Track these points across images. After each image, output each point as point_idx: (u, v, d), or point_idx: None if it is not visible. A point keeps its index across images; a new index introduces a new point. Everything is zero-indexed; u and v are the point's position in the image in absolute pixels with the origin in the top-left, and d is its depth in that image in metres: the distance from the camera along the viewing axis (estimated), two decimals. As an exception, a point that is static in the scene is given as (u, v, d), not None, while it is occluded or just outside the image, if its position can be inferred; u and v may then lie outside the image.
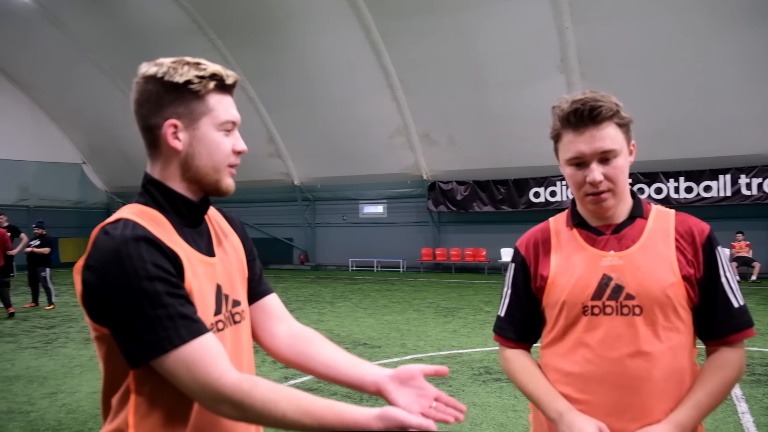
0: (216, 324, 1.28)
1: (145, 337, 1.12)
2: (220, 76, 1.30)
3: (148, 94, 1.28)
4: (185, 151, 1.28)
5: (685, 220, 1.58)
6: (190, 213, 1.32)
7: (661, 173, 16.24)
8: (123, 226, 1.19)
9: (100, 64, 20.17)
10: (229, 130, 1.32)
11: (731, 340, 1.52)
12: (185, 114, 1.27)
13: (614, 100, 1.54)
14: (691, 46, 13.79)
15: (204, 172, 1.30)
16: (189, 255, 1.25)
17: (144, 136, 1.31)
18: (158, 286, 1.14)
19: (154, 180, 1.31)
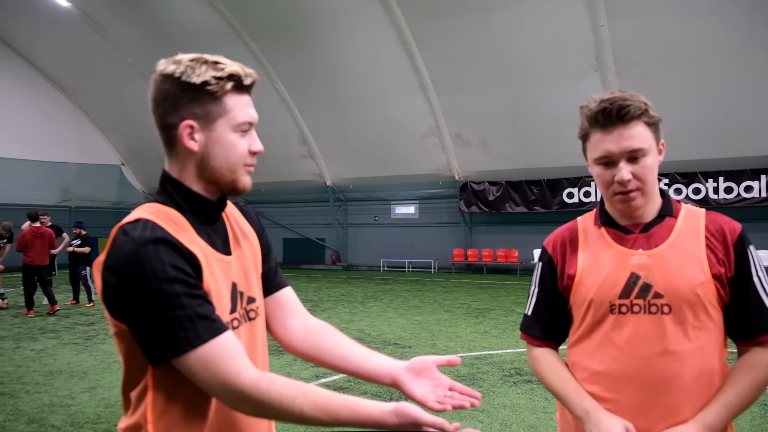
0: (231, 322, 1.29)
1: (165, 337, 1.14)
2: (237, 76, 1.28)
3: (165, 93, 1.26)
4: (201, 152, 1.27)
5: (716, 219, 1.55)
6: (207, 212, 1.32)
7: (699, 173, 15.85)
8: (142, 227, 1.19)
9: (139, 68, 20.66)
10: (245, 131, 1.30)
11: (763, 340, 1.49)
12: (201, 115, 1.26)
13: (643, 99, 1.52)
14: (730, 42, 13.43)
15: (220, 173, 1.29)
16: (207, 254, 1.26)
17: (161, 134, 1.30)
18: (177, 287, 1.15)
19: (171, 178, 1.31)
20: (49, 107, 22.76)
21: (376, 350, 1.47)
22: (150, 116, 1.29)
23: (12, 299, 12.62)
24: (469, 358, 6.96)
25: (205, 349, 1.14)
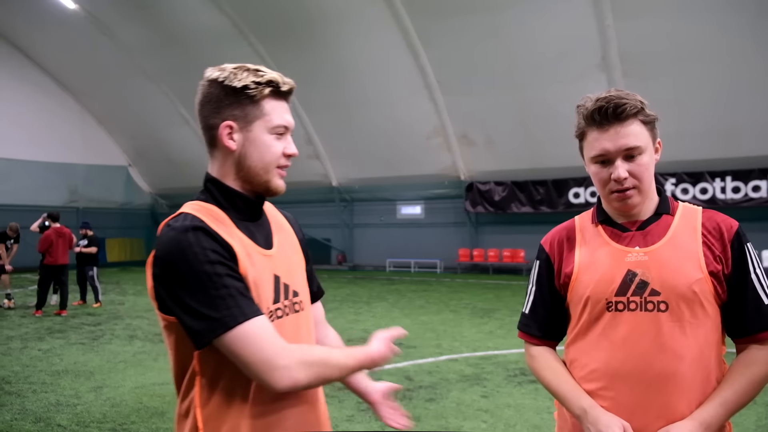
0: (275, 312, 1.36)
1: (211, 314, 1.22)
2: (276, 82, 1.38)
3: (210, 96, 1.37)
4: (239, 151, 1.38)
5: (713, 217, 1.55)
6: (247, 207, 1.42)
7: (707, 173, 15.77)
8: (183, 219, 1.31)
9: (145, 69, 20.78)
10: (281, 134, 1.40)
11: (761, 337, 1.49)
12: (241, 116, 1.36)
13: (639, 97, 1.53)
14: (737, 41, 13.36)
15: (255, 172, 1.39)
16: (246, 246, 1.34)
17: (204, 135, 1.41)
18: (219, 268, 1.24)
19: (213, 178, 1.42)
20: (57, 109, 22.91)
21: None
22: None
23: (20, 299, 12.71)
24: (474, 358, 6.95)
25: (248, 326, 1.22)
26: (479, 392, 5.53)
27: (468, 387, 5.72)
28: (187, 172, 23.97)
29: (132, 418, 4.86)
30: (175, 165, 23.92)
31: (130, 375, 6.29)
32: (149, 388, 5.76)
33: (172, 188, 25.33)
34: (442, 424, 4.67)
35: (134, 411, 5.05)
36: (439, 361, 6.87)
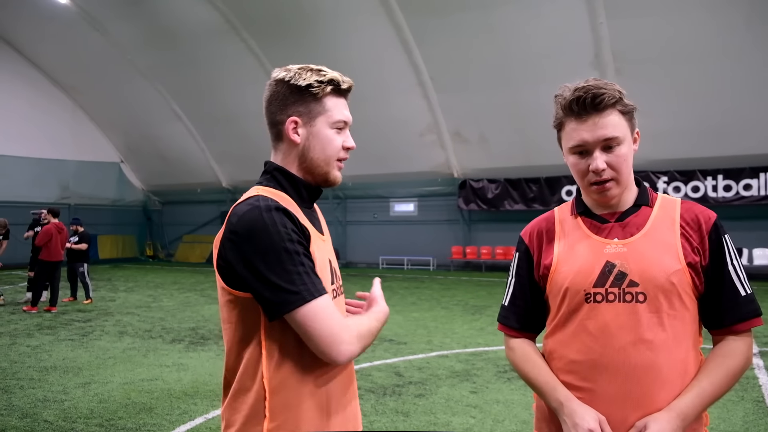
0: (332, 292, 1.48)
1: (290, 288, 1.31)
2: (336, 81, 1.49)
3: (276, 95, 1.49)
4: (303, 144, 1.49)
5: (691, 208, 1.55)
6: (309, 195, 1.54)
7: (698, 171, 15.83)
8: (263, 200, 1.39)
9: (137, 65, 20.66)
10: (341, 129, 1.52)
11: (738, 329, 1.49)
12: (305, 113, 1.48)
13: (617, 87, 1.52)
14: (729, 40, 13.40)
15: (316, 164, 1.50)
16: (312, 230, 1.46)
17: (270, 129, 1.53)
18: (298, 247, 1.35)
19: (278, 167, 1.52)
20: (48, 105, 22.76)
21: (372, 346, 1.63)
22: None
23: (9, 296, 12.63)
24: (464, 355, 6.96)
25: (320, 302, 1.33)
26: (468, 388, 5.53)
27: (458, 383, 5.72)
28: (179, 169, 23.89)
29: (119, 414, 4.84)
30: (167, 161, 23.82)
31: (119, 371, 6.27)
32: (138, 384, 5.73)
33: (164, 185, 25.23)
34: (430, 420, 4.68)
35: (122, 407, 5.03)
36: (430, 357, 6.87)
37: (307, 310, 1.31)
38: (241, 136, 20.38)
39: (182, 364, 6.54)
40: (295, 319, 1.32)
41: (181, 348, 7.42)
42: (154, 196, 26.18)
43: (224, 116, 20.49)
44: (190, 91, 20.67)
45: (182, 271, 20.28)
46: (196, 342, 7.80)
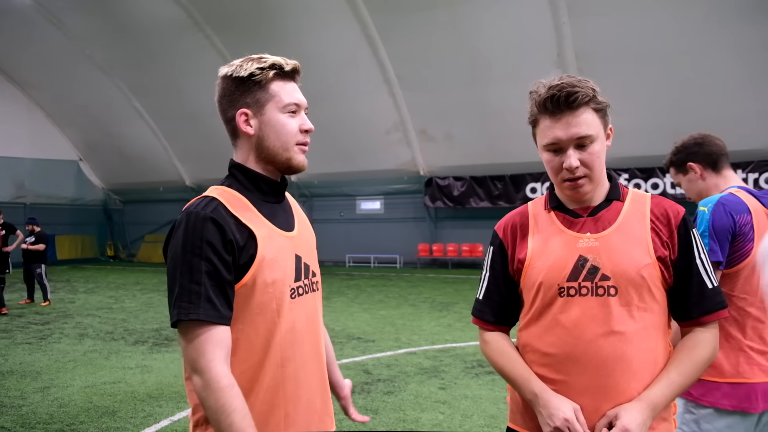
0: (297, 289, 1.46)
1: (179, 301, 1.31)
2: (279, 65, 1.47)
3: (224, 92, 1.48)
4: (257, 135, 1.47)
5: (661, 203, 1.58)
6: (271, 189, 1.50)
7: (657, 168, 16.26)
8: (200, 205, 1.38)
9: (97, 61, 20.13)
10: (293, 112, 1.49)
11: (705, 320, 1.52)
12: (253, 103, 1.46)
13: (591, 84, 1.54)
14: (689, 41, 13.78)
15: (275, 152, 1.47)
16: (267, 228, 1.42)
17: (226, 128, 1.51)
18: (203, 264, 1.31)
19: (236, 164, 1.50)
20: (3, 101, 21.99)
21: (341, 345, 1.58)
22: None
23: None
24: (432, 351, 6.99)
25: (195, 326, 1.30)
26: (437, 384, 5.56)
27: (426, 379, 5.74)
28: (141, 167, 23.37)
29: (81, 418, 4.70)
30: (128, 160, 23.29)
31: (80, 374, 6.09)
32: (100, 387, 5.58)
33: (125, 183, 24.66)
34: (399, 417, 4.68)
35: (83, 411, 4.89)
36: (398, 354, 6.88)
37: (182, 327, 1.31)
38: (205, 133, 20.04)
39: (146, 366, 6.40)
40: (178, 332, 1.34)
41: (145, 349, 7.26)
42: (114, 194, 25.58)
43: (187, 113, 20.12)
44: (151, 87, 20.23)
45: (144, 271, 19.86)
46: (160, 343, 7.65)
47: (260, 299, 1.38)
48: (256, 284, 1.37)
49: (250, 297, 1.37)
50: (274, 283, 1.40)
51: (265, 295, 1.38)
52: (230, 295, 1.35)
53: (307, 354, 1.48)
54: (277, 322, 1.40)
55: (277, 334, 1.40)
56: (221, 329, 1.31)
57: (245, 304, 1.37)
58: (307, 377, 1.47)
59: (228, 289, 1.34)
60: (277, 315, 1.40)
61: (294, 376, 1.43)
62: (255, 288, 1.37)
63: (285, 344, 1.42)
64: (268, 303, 1.39)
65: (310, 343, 1.50)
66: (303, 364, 1.46)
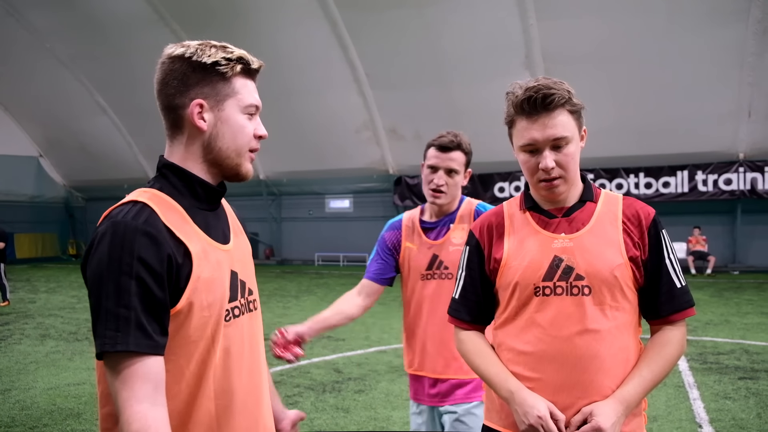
0: (232, 310, 1.29)
1: (103, 328, 1.12)
2: (246, 60, 1.34)
3: (174, 74, 1.28)
4: (209, 131, 1.29)
5: (632, 204, 1.62)
6: (208, 196, 1.32)
7: (622, 169, 16.63)
8: (129, 212, 1.18)
9: (58, 54, 19.58)
10: (252, 114, 1.33)
11: (674, 319, 1.58)
12: (211, 95, 1.29)
13: (567, 86, 1.57)
14: (654, 44, 14.11)
15: (226, 155, 1.30)
16: (202, 243, 1.25)
17: (166, 116, 1.31)
18: (133, 285, 1.12)
19: (170, 164, 1.31)
20: (-42, 94, 21.25)
21: (311, 344, 1.53)
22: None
23: None
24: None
25: (124, 359, 1.11)
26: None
27: (397, 377, 5.76)
28: (104, 164, 22.83)
29: (44, 421, 4.59)
30: (91, 156, 22.73)
31: (42, 376, 5.94)
32: (63, 389, 5.46)
33: (88, 180, 24.07)
34: (371, 415, 4.69)
35: (46, 413, 4.77)
36: (368, 353, 6.90)
37: (109, 358, 1.12)
38: (170, 130, 19.73)
39: (111, 367, 6.27)
40: (105, 365, 1.14)
41: (110, 350, 7.11)
42: (76, 192, 24.96)
43: (153, 109, 18.77)
44: (115, 82, 19.76)
45: (108, 270, 19.42)
46: (126, 343, 7.50)
47: (195, 325, 1.21)
48: (192, 309, 1.20)
49: (185, 323, 1.20)
50: (210, 306, 1.23)
51: (201, 320, 1.21)
52: (165, 321, 1.16)
53: (245, 384, 1.31)
54: (212, 349, 1.23)
55: (210, 363, 1.23)
56: (152, 361, 1.13)
57: (178, 332, 1.19)
58: (245, 410, 1.31)
59: (163, 314, 1.16)
60: (211, 342, 1.23)
61: (230, 409, 1.27)
62: (191, 313, 1.20)
63: (219, 374, 1.25)
64: (202, 329, 1.22)
65: (248, 371, 1.33)
66: (240, 395, 1.29)
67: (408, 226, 2.59)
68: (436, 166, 2.50)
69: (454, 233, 2.48)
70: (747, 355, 6.52)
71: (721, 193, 15.76)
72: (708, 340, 7.29)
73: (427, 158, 2.54)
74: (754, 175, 15.47)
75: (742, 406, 4.79)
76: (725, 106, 14.65)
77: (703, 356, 6.47)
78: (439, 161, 2.49)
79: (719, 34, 13.61)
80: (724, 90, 14.44)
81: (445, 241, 2.46)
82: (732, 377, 5.63)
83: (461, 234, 2.45)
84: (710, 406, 4.82)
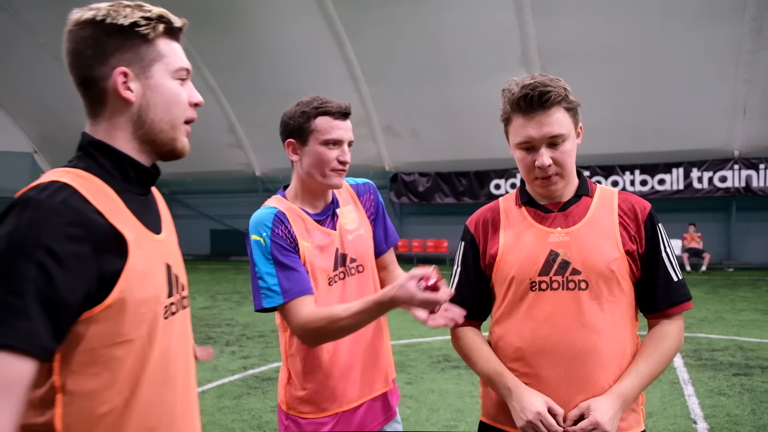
0: (170, 307, 1.15)
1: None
2: (167, 18, 1.19)
3: (87, 42, 1.11)
4: (138, 102, 1.13)
5: (628, 198, 1.63)
6: (140, 178, 1.17)
7: (617, 166, 16.67)
8: (41, 190, 1.00)
9: (52, 50, 19.48)
10: (183, 79, 1.19)
11: (671, 312, 1.58)
12: (135, 61, 1.12)
13: (563, 84, 1.56)
14: (649, 41, 14.12)
15: (159, 128, 1.16)
16: (137, 231, 1.10)
17: (84, 91, 1.15)
18: (30, 270, 0.94)
19: (97, 141, 1.15)
20: (-48, 90, 21.14)
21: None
22: (67, 75, 1.16)
23: None
24: (399, 346, 7.02)
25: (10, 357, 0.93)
26: (404, 379, 5.59)
27: (393, 374, 5.76)
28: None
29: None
30: (86, 152, 22.68)
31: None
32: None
33: (83, 177, 24.01)
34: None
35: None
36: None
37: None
38: (166, 126, 19.71)
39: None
40: None
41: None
42: (71, 188, 24.89)
43: None
44: (111, 78, 19.73)
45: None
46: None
47: (129, 323, 1.06)
48: (125, 305, 1.04)
49: (118, 321, 1.04)
50: (147, 301, 1.08)
51: (136, 317, 1.07)
52: (63, 323, 0.97)
53: (180, 388, 1.19)
54: (148, 351, 1.09)
55: (147, 366, 1.09)
56: (26, 365, 0.93)
57: (109, 331, 1.03)
58: (186, 413, 1.20)
59: (62, 314, 0.97)
60: (148, 343, 1.09)
61: (172, 414, 1.15)
62: (124, 310, 1.04)
63: (156, 378, 1.11)
64: (137, 327, 1.07)
65: (183, 374, 1.20)
66: (177, 401, 1.17)
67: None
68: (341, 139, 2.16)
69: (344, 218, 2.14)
70: (741, 351, 6.55)
71: (716, 191, 15.81)
72: (703, 336, 7.31)
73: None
74: (749, 173, 15.52)
75: (736, 402, 4.81)
76: (720, 103, 14.68)
77: (697, 353, 6.49)
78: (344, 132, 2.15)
79: (715, 31, 13.63)
80: (719, 87, 14.46)
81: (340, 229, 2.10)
82: (726, 374, 5.65)
83: (354, 216, 2.17)
84: (705, 403, 4.83)
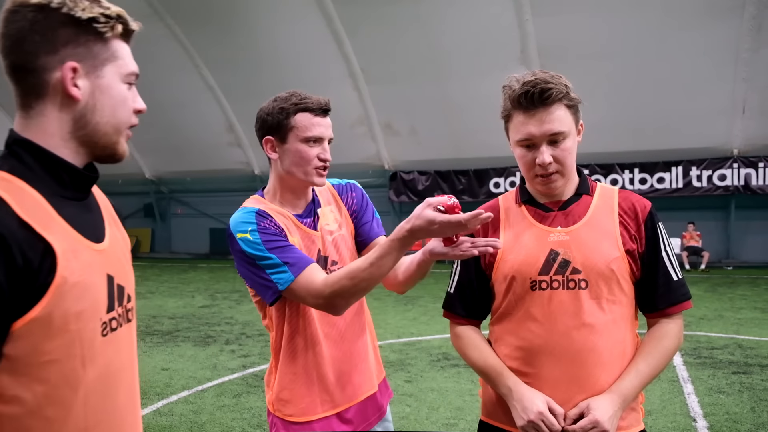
0: (110, 322, 1.07)
1: None
2: (125, 19, 1.12)
3: (37, 27, 1.02)
4: (84, 101, 1.06)
5: (628, 197, 1.62)
6: (74, 183, 1.08)
7: (617, 165, 16.66)
8: None
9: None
10: (131, 84, 1.14)
11: (670, 312, 1.58)
12: (87, 57, 1.05)
13: (564, 80, 1.56)
14: (649, 39, 14.12)
15: (103, 131, 1.09)
16: (71, 241, 1.01)
17: (21, 79, 1.07)
18: None
19: (25, 141, 1.04)
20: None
21: None
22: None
23: None
24: (398, 345, 7.02)
25: None
26: (403, 377, 5.59)
27: (392, 372, 5.76)
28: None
29: None
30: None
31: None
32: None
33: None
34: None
35: None
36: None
37: None
38: (167, 125, 19.60)
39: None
40: None
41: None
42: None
43: (147, 103, 18.64)
44: (109, 77, 19.69)
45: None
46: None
47: (58, 341, 0.97)
48: (52, 319, 0.96)
49: (43, 338, 0.96)
50: (79, 316, 0.99)
51: (66, 334, 0.98)
52: None
53: (124, 405, 1.11)
54: (82, 373, 1.00)
55: (80, 388, 1.00)
56: None
57: (33, 349, 0.95)
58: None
59: None
60: (81, 363, 1.00)
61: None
62: (51, 325, 0.96)
63: (92, 402, 1.02)
64: (68, 346, 0.98)
65: (126, 393, 1.12)
66: (118, 421, 1.09)
67: None
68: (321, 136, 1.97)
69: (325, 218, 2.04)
70: (740, 349, 6.56)
71: (715, 189, 15.81)
72: (702, 335, 7.31)
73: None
74: (748, 171, 15.53)
75: (735, 401, 4.82)
76: (720, 102, 14.68)
77: (697, 351, 6.49)
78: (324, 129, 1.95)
79: (714, 29, 13.63)
80: (718, 86, 14.46)
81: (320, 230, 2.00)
82: (726, 372, 5.66)
83: (335, 217, 2.09)
84: (704, 401, 4.84)
